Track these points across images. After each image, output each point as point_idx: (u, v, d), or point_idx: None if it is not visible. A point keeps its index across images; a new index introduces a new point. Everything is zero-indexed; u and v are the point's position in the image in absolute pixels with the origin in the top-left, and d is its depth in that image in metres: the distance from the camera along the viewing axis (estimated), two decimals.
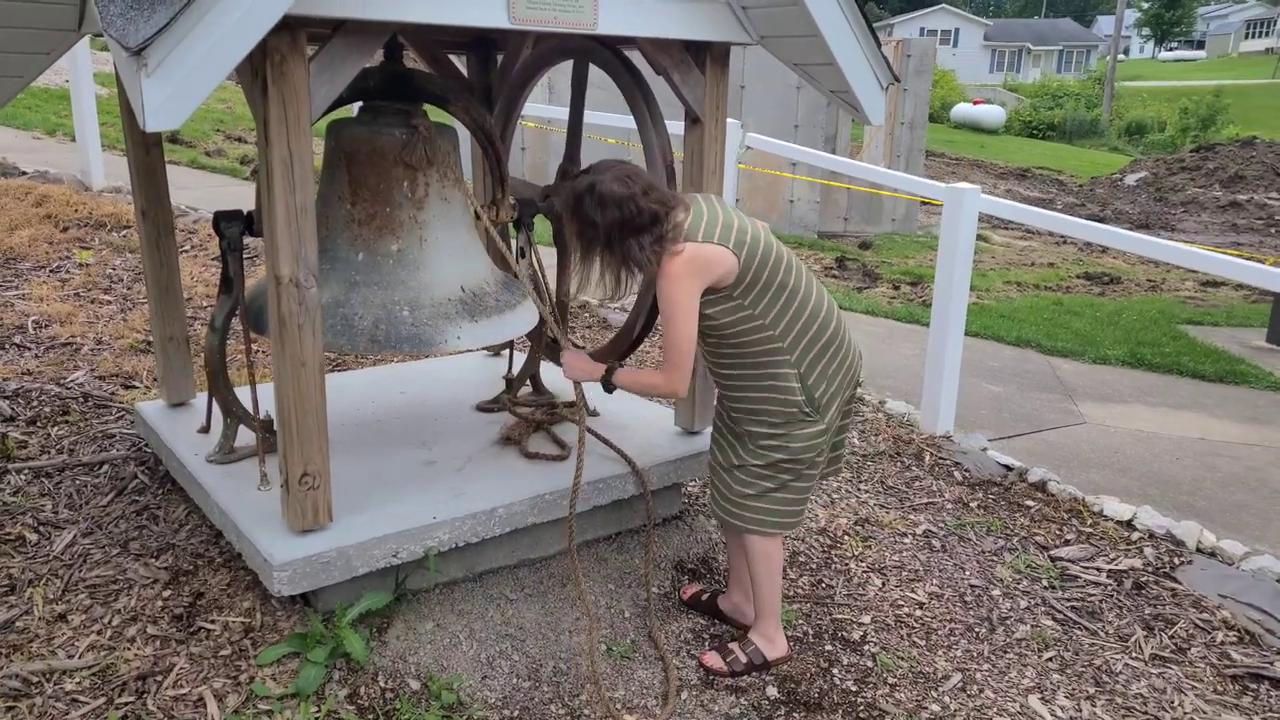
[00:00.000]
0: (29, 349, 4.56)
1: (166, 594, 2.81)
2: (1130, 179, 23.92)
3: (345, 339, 2.80)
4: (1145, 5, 73.08)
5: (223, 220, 2.93)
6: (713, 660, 2.85)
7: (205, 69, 1.90)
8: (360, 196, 2.94)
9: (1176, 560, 3.72)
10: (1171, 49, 76.57)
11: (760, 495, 2.73)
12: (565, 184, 3.48)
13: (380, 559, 2.66)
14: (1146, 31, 75.28)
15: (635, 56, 3.24)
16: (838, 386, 2.70)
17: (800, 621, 3.14)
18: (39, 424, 3.83)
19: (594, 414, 3.63)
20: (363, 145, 2.92)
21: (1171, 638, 3.24)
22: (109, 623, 2.68)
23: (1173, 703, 2.92)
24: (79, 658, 2.54)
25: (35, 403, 4.00)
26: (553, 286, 3.65)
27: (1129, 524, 3.98)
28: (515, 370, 3.77)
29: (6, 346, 4.56)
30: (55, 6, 3.05)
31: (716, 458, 2.85)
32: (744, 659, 2.84)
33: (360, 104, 3.04)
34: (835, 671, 2.92)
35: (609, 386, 2.76)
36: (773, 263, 2.59)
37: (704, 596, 3.12)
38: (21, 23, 3.04)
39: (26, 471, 3.44)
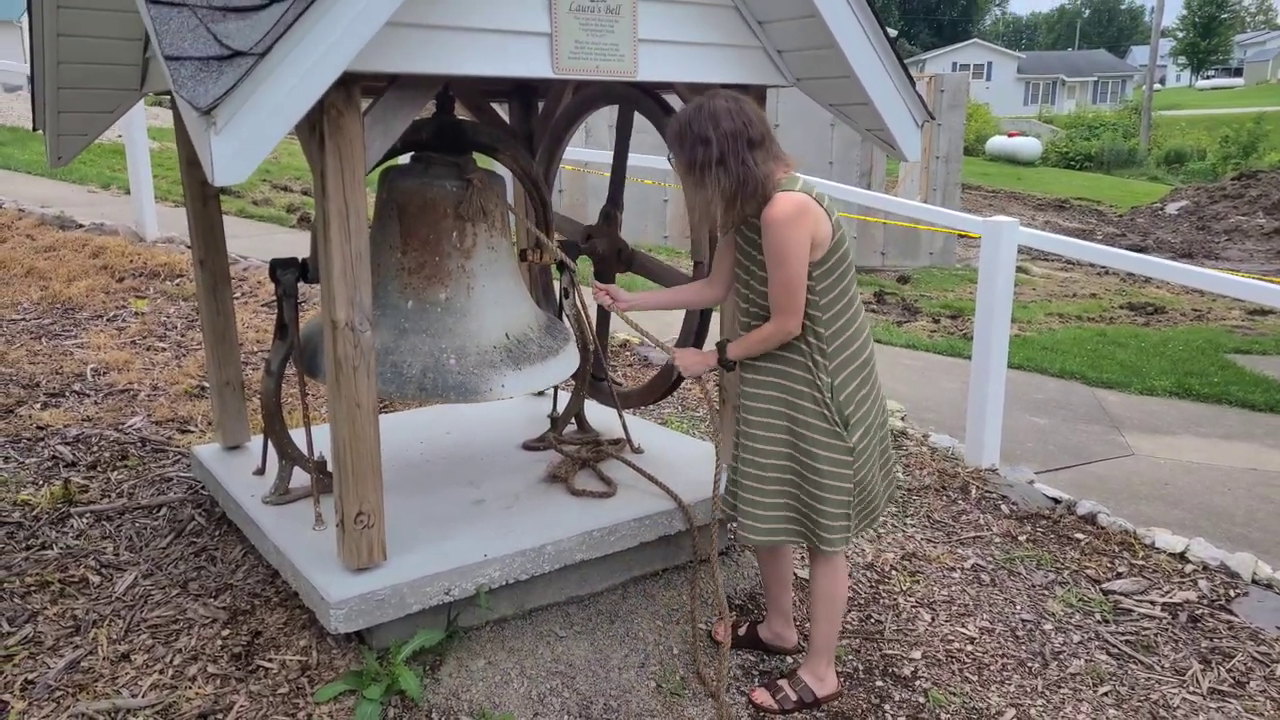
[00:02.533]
0: (88, 396, 4.71)
1: (225, 633, 2.87)
2: (1171, 208, 23.67)
3: (395, 386, 2.89)
4: (1180, 34, 72.65)
5: (279, 268, 3.04)
6: (763, 698, 2.85)
7: (269, 126, 2.00)
8: (411, 246, 3.04)
9: (1232, 592, 3.65)
10: (1209, 76, 75.91)
11: (775, 500, 2.70)
12: (599, 240, 3.55)
13: (433, 596, 2.71)
14: (1183, 60, 74.77)
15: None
16: (865, 413, 2.67)
17: (850, 657, 3.12)
18: (99, 469, 3.95)
19: (638, 450, 3.66)
20: (414, 197, 3.02)
21: (1229, 671, 3.18)
22: (170, 662, 2.75)
23: None
24: (142, 696, 2.60)
25: (95, 448, 4.12)
26: (593, 320, 3.71)
27: (1182, 556, 3.92)
28: (560, 409, 3.82)
29: (67, 394, 4.71)
30: (120, 68, 3.21)
31: (737, 460, 2.80)
32: (794, 697, 2.84)
33: (412, 153, 3.14)
34: (887, 708, 2.90)
35: (728, 364, 2.77)
36: (849, 260, 2.63)
37: (741, 631, 3.11)
38: (91, 84, 3.20)
39: (88, 515, 3.55)
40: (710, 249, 3.27)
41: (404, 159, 3.21)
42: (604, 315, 3.93)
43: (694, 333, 3.49)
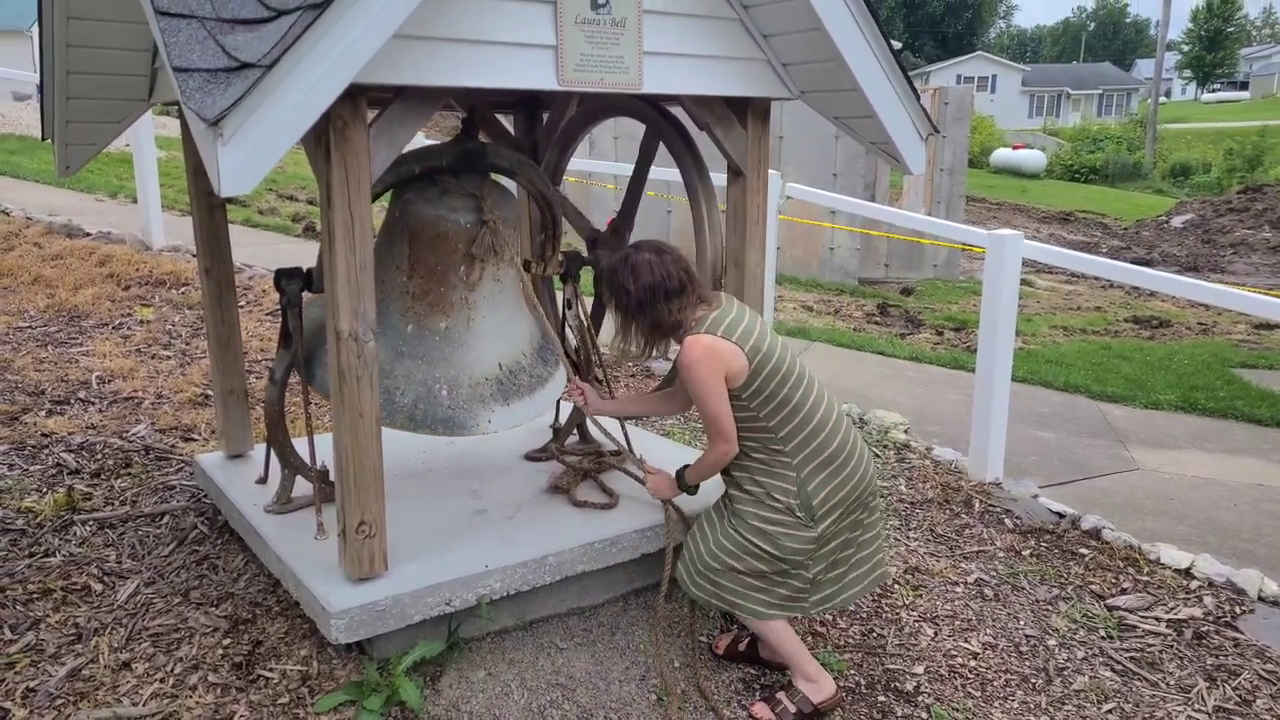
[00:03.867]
0: (93, 403, 4.72)
1: (226, 642, 2.87)
2: (1177, 221, 23.66)
3: (386, 413, 2.92)
4: (1186, 48, 72.73)
5: (283, 277, 3.04)
6: (762, 711, 2.84)
7: (276, 137, 2.01)
8: (417, 272, 3.06)
9: (1238, 609, 3.63)
10: (1214, 90, 75.92)
11: (733, 574, 2.80)
12: (603, 253, 3.60)
13: (434, 607, 2.71)
14: (1188, 74, 74.82)
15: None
16: (841, 499, 2.77)
17: (852, 671, 3.11)
18: (103, 476, 3.95)
19: (640, 462, 3.65)
20: (428, 227, 3.03)
21: (1235, 689, 3.16)
22: (171, 670, 2.74)
23: None
24: (143, 705, 2.60)
25: (99, 456, 4.13)
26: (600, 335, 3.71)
27: (1187, 572, 3.90)
28: (563, 420, 3.82)
29: (72, 401, 4.72)
30: (129, 79, 3.23)
31: (701, 528, 2.93)
32: (793, 708, 2.83)
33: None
34: None
35: (689, 488, 3.01)
36: (780, 376, 2.72)
37: (741, 646, 3.11)
38: (99, 94, 3.22)
39: (91, 523, 3.55)
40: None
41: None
42: (598, 321, 3.93)
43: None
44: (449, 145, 3.08)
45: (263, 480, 3.38)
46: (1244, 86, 75.36)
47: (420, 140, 7.80)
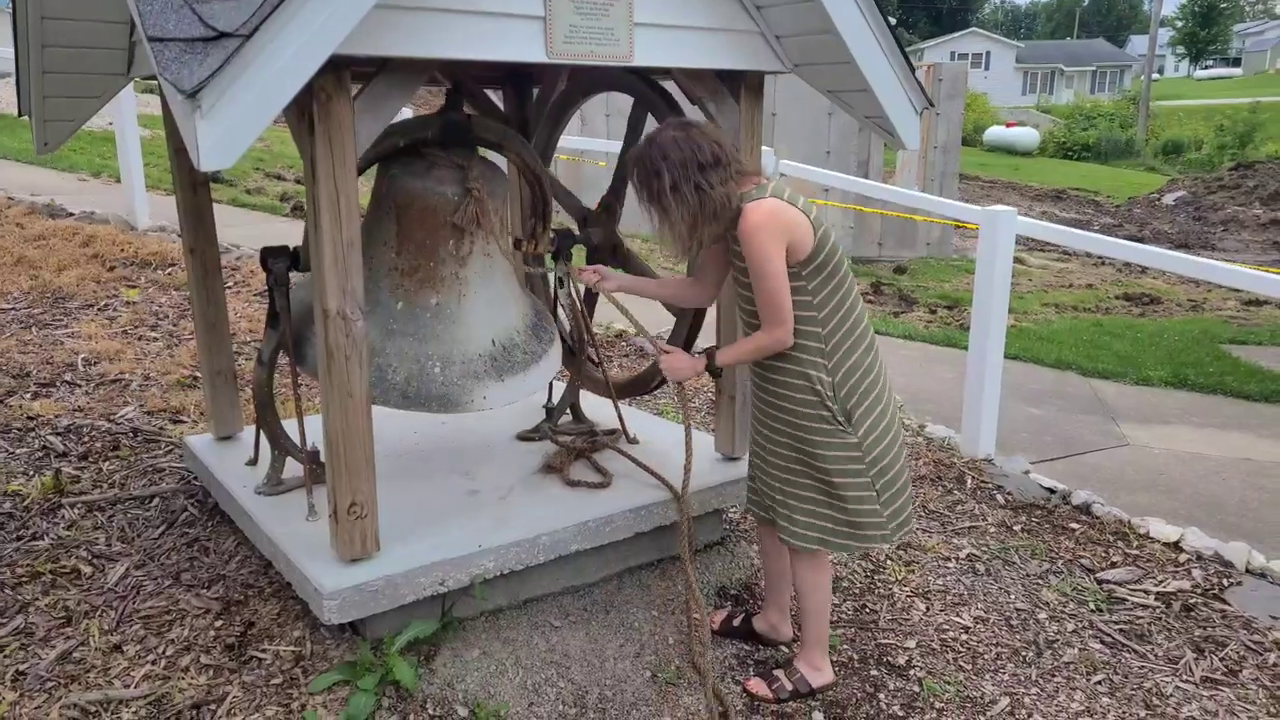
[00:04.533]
0: (79, 386, 4.67)
1: (218, 624, 2.85)
2: (1168, 198, 23.68)
3: (378, 391, 2.88)
4: (1179, 24, 72.54)
5: (270, 256, 3.01)
6: (758, 687, 2.84)
7: (256, 110, 1.97)
8: (406, 248, 3.01)
9: (1225, 581, 3.65)
10: (1207, 67, 75.80)
11: (793, 500, 2.69)
12: (594, 230, 3.54)
13: (427, 587, 2.69)
14: (1181, 50, 74.67)
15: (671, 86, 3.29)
16: (869, 407, 2.62)
17: (845, 647, 3.12)
18: (90, 459, 3.92)
19: (634, 441, 3.65)
20: (415, 200, 2.98)
21: (1222, 660, 3.17)
22: (163, 653, 2.73)
23: None
24: (135, 688, 2.58)
25: (86, 439, 4.09)
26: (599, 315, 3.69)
27: (1176, 545, 3.92)
28: (556, 399, 3.80)
29: (57, 384, 4.68)
30: (106, 51, 3.17)
31: (755, 454, 2.82)
32: (790, 686, 2.83)
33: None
34: (882, 697, 2.89)
35: (715, 370, 2.74)
36: (838, 258, 2.58)
37: (736, 621, 3.10)
38: (75, 68, 3.16)
39: (80, 506, 3.52)
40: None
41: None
42: (591, 304, 3.90)
43: (683, 339, 3.46)
44: (434, 117, 3.04)
45: (253, 462, 3.36)
46: (1237, 63, 75.29)
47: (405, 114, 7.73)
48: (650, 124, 3.45)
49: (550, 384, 3.90)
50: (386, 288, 3.02)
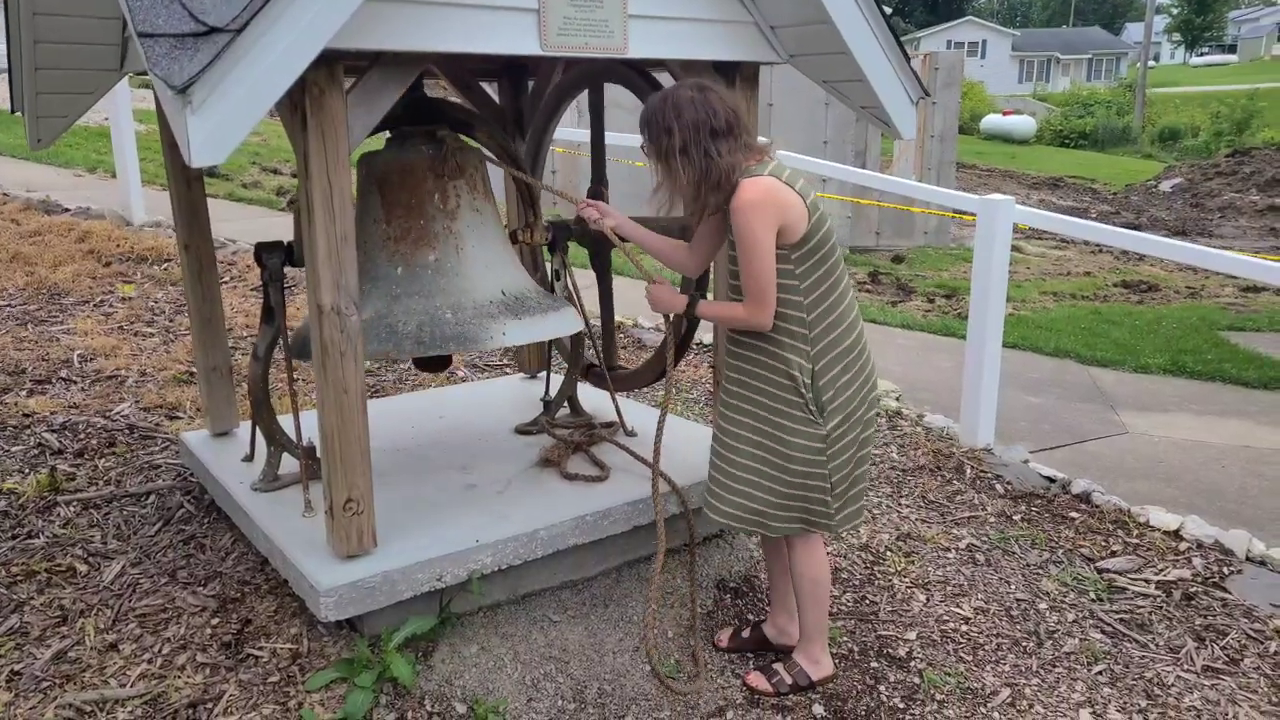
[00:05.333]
0: (75, 382, 4.66)
1: (215, 622, 2.84)
2: (1165, 185, 23.66)
3: (391, 344, 2.82)
4: (1175, 11, 72.40)
5: (264, 251, 2.99)
6: (757, 680, 2.83)
7: (247, 105, 1.95)
8: (394, 215, 2.99)
9: (1226, 570, 3.65)
10: (1203, 54, 75.65)
11: (746, 484, 2.65)
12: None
13: (424, 583, 2.68)
14: (1177, 37, 74.54)
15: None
16: (847, 400, 2.59)
17: (845, 639, 3.11)
18: (86, 456, 3.91)
19: (631, 433, 3.64)
20: (393, 166, 2.99)
21: (1224, 649, 3.17)
22: (159, 651, 2.72)
23: (1227, 715, 2.86)
24: (130, 687, 2.57)
25: (82, 435, 4.08)
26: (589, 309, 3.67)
27: (1176, 534, 3.91)
28: (553, 392, 3.79)
29: (53, 381, 4.66)
30: (99, 47, 3.14)
31: (714, 441, 2.77)
32: (789, 680, 2.81)
33: (387, 134, 3.09)
34: (882, 689, 2.89)
35: (693, 317, 2.72)
36: (830, 244, 2.55)
37: (745, 634, 3.03)
38: (68, 64, 3.13)
39: (75, 503, 3.51)
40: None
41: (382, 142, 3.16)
42: (609, 301, 3.88)
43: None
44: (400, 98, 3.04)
45: (249, 458, 3.35)
46: (1232, 50, 75.16)
47: None
48: (631, 101, 3.45)
49: (548, 376, 3.90)
50: (384, 259, 3.00)
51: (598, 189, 3.61)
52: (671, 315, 2.84)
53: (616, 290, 3.92)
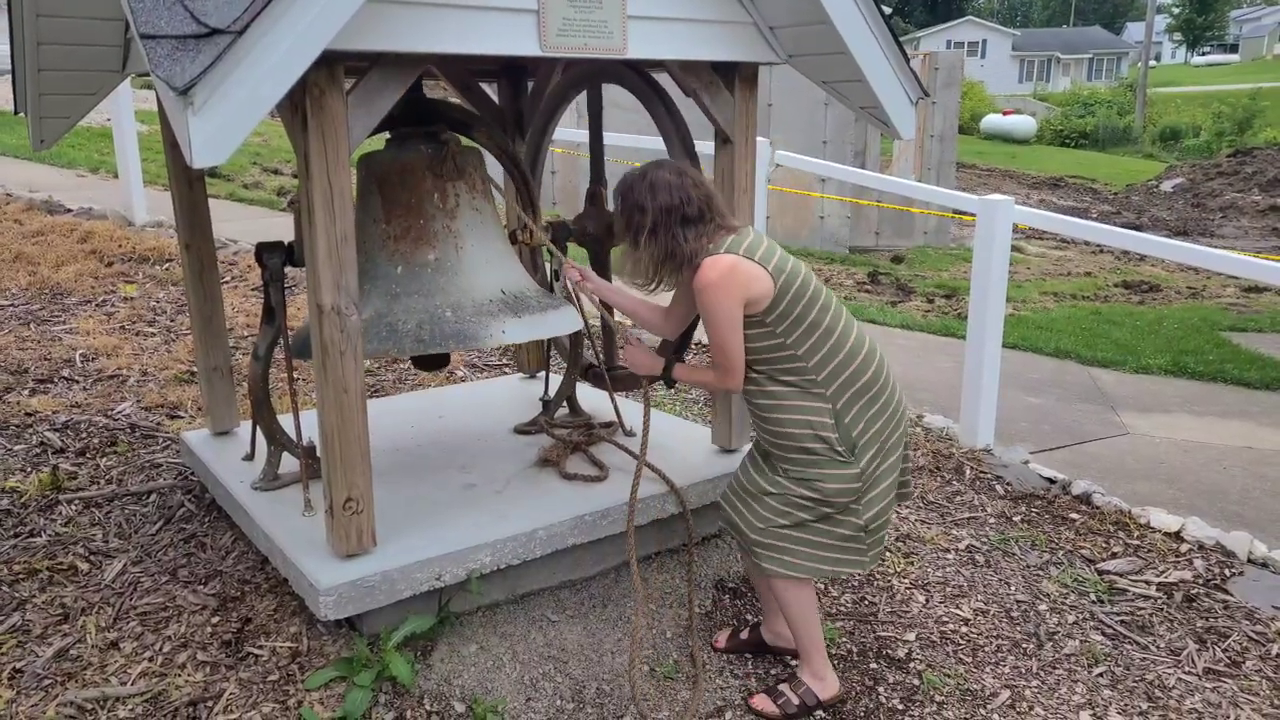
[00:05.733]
0: (77, 382, 4.67)
1: (215, 620, 2.85)
2: (1167, 185, 23.64)
3: (391, 343, 2.83)
4: (1176, 10, 72.34)
5: (265, 251, 3.00)
6: (763, 703, 2.76)
7: (248, 106, 1.96)
8: (394, 214, 3.00)
9: (1227, 572, 3.65)
10: (1204, 53, 75.60)
11: (783, 530, 2.63)
12: (588, 221, 3.54)
13: (424, 582, 2.69)
14: (1178, 37, 74.47)
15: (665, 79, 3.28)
16: (876, 432, 2.58)
17: (844, 640, 3.11)
18: (88, 455, 3.91)
19: (630, 433, 3.64)
20: (392, 166, 3.00)
21: (1225, 651, 3.17)
22: (160, 649, 2.72)
23: (1228, 717, 2.86)
24: (131, 684, 2.58)
25: (84, 434, 4.08)
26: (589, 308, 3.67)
27: (1177, 535, 3.91)
28: (552, 392, 3.80)
29: (55, 380, 4.67)
30: (102, 49, 3.15)
31: (742, 481, 2.75)
32: (796, 700, 2.74)
33: (387, 135, 3.10)
34: (881, 690, 2.89)
35: (669, 381, 2.78)
36: (808, 298, 2.54)
37: (743, 636, 3.02)
38: (71, 66, 3.14)
39: (77, 502, 3.52)
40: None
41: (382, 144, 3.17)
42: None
43: (673, 349, 3.44)
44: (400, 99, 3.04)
45: (249, 457, 3.35)
46: (1234, 49, 75.08)
47: None
48: (635, 107, 3.45)
49: (547, 376, 3.90)
50: (384, 258, 3.00)
51: (596, 189, 3.62)
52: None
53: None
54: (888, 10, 2.71)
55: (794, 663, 2.91)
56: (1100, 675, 3.03)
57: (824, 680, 2.78)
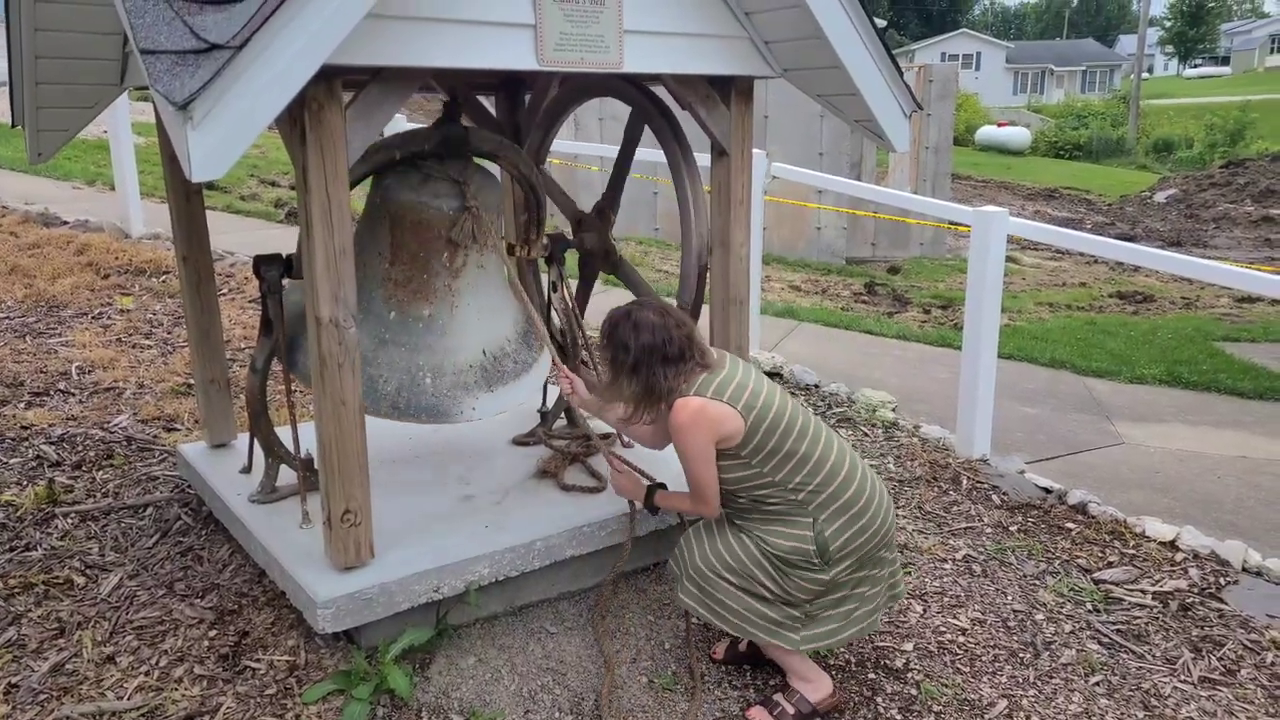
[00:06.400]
0: (73, 394, 4.66)
1: (212, 634, 2.84)
2: (1160, 196, 23.74)
3: (369, 401, 2.89)
4: (1168, 23, 72.82)
5: (262, 264, 3.00)
6: (759, 715, 2.76)
7: (247, 120, 1.97)
8: (400, 259, 3.03)
9: (1222, 580, 3.66)
10: (1196, 65, 76.06)
11: (726, 585, 2.70)
12: (589, 236, 3.53)
13: (422, 594, 2.69)
14: (1170, 50, 74.96)
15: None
16: (861, 544, 2.66)
17: (842, 650, 3.12)
18: (84, 468, 3.91)
19: (629, 445, 3.65)
20: (409, 213, 3.00)
21: (1220, 659, 3.18)
22: (156, 664, 2.72)
23: None
24: (128, 699, 2.57)
25: (80, 447, 4.08)
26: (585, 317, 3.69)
27: (1172, 545, 3.92)
28: (550, 404, 3.80)
29: (51, 393, 4.66)
30: (100, 63, 3.17)
31: (698, 532, 2.81)
32: (791, 710, 2.75)
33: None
34: (879, 700, 2.89)
35: (652, 508, 2.91)
36: (782, 429, 2.62)
37: (740, 646, 3.02)
38: (69, 79, 3.15)
39: (73, 515, 3.51)
40: (698, 286, 3.34)
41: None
42: (583, 305, 3.89)
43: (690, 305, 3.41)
44: (431, 130, 3.04)
45: (246, 470, 3.35)
46: (1225, 61, 75.53)
47: (400, 121, 7.72)
48: (646, 135, 3.47)
49: (545, 388, 3.91)
50: (380, 297, 3.03)
51: (604, 208, 3.61)
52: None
53: (612, 301, 3.94)
54: (882, 23, 2.74)
55: None
56: (1097, 684, 3.04)
57: (813, 682, 2.80)
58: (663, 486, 2.93)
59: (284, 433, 3.24)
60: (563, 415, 3.80)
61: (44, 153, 3.40)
